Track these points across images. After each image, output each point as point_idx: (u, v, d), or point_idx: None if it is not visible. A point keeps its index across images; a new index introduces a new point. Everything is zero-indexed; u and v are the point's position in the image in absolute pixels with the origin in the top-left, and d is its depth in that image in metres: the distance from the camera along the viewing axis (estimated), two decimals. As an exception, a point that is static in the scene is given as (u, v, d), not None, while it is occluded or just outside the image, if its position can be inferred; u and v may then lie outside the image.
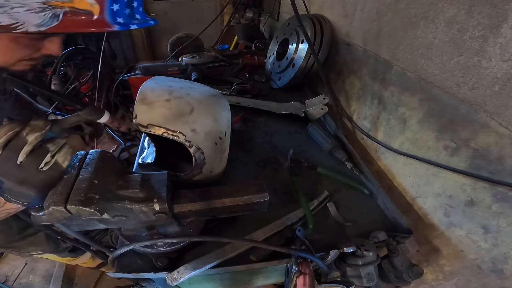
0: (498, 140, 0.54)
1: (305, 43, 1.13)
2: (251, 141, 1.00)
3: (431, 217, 0.72)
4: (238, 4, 2.18)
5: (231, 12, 2.27)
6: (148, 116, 0.60)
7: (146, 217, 0.50)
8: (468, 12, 0.57)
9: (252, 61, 1.56)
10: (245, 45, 1.99)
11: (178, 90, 0.65)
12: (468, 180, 0.61)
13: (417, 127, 0.75)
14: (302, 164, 0.87)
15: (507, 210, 0.54)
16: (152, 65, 1.59)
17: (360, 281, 0.57)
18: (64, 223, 0.47)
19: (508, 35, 0.50)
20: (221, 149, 0.70)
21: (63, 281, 1.58)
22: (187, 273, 0.56)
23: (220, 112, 0.69)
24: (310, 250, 0.59)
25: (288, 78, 1.26)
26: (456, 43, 0.61)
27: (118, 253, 0.54)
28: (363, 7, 0.96)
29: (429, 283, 0.78)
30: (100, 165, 0.50)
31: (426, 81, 0.70)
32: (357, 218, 0.72)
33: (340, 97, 1.14)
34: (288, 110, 1.11)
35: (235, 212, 0.58)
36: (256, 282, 0.84)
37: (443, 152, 0.67)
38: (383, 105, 0.89)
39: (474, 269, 0.63)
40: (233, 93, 1.25)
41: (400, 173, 0.84)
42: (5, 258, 1.73)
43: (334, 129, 1.02)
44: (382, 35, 0.87)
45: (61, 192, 0.44)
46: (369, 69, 0.95)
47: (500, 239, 0.56)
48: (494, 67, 0.53)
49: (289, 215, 0.71)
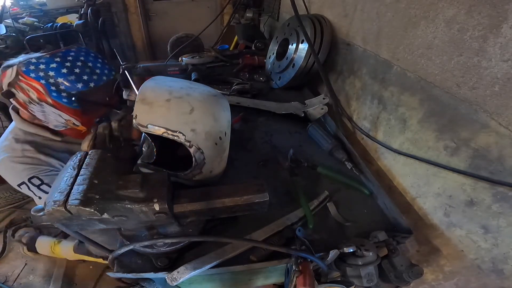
0: (498, 140, 0.54)
1: (305, 43, 1.13)
2: (251, 141, 1.00)
3: (431, 217, 0.72)
4: (238, 4, 2.18)
5: (231, 12, 2.27)
6: (148, 116, 0.60)
7: (146, 217, 0.50)
8: (468, 12, 0.57)
9: (252, 61, 1.55)
10: (245, 45, 1.99)
11: (178, 90, 0.65)
12: (468, 180, 0.61)
13: (417, 127, 0.75)
14: (302, 164, 0.87)
15: (507, 210, 0.54)
16: (152, 65, 1.59)
17: (360, 281, 0.57)
18: (64, 223, 0.47)
19: (508, 35, 0.50)
20: (221, 149, 0.70)
21: (63, 281, 1.59)
22: (187, 273, 0.56)
23: (220, 112, 0.69)
24: (310, 250, 0.59)
25: (288, 78, 1.26)
26: (456, 43, 0.61)
27: (118, 253, 0.54)
28: (363, 7, 0.96)
29: (429, 283, 0.78)
30: (100, 165, 0.50)
31: (426, 81, 0.70)
32: (357, 218, 0.72)
33: (340, 97, 1.14)
34: (288, 110, 1.11)
35: (235, 212, 0.58)
36: (256, 282, 0.84)
37: (443, 152, 0.67)
38: (383, 105, 0.89)
39: (474, 269, 0.63)
40: (233, 93, 1.25)
41: (400, 173, 0.84)
42: (5, 258, 1.73)
43: (334, 129, 1.02)
44: (382, 35, 0.87)
45: (61, 192, 0.44)
46: (369, 69, 0.95)
47: (500, 239, 0.56)
48: (494, 67, 0.53)
49: (289, 215, 0.71)
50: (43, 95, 0.75)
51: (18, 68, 0.73)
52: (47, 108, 0.78)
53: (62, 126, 0.84)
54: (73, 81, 0.77)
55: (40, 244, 1.53)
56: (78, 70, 0.78)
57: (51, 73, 0.75)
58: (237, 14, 2.28)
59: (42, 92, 0.74)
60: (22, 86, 0.74)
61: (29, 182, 0.82)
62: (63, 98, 0.77)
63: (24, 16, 2.98)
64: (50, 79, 0.75)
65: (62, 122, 0.82)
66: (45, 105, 0.77)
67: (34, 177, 0.83)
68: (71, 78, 0.77)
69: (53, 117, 0.80)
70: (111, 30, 3.66)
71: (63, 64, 0.77)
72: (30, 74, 0.73)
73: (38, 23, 2.91)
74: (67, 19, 3.15)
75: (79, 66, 0.79)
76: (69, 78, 0.77)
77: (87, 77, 0.80)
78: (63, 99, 0.77)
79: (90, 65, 0.82)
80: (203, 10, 3.99)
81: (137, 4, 3.75)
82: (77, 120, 0.82)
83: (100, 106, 0.87)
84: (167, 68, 1.52)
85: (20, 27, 2.71)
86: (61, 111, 0.79)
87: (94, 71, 0.83)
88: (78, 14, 3.08)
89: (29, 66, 0.73)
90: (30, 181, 0.82)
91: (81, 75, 0.79)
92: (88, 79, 0.80)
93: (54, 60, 0.76)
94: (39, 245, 1.52)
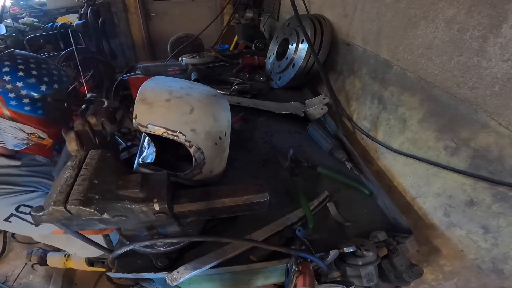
0: (498, 140, 0.54)
1: (305, 43, 1.13)
2: (251, 141, 1.00)
3: (431, 217, 0.72)
4: (238, 4, 2.18)
5: (231, 12, 2.27)
6: (148, 116, 0.60)
7: (146, 217, 0.50)
8: (468, 12, 0.57)
9: (252, 61, 1.56)
10: (245, 45, 1.99)
11: (178, 90, 0.65)
12: (468, 180, 0.61)
13: (417, 127, 0.75)
14: (302, 164, 0.87)
15: (507, 210, 0.54)
16: (152, 65, 1.59)
17: (360, 281, 0.57)
18: (64, 223, 0.47)
19: (508, 35, 0.50)
20: (221, 149, 0.70)
21: (63, 281, 1.59)
22: (187, 273, 0.56)
23: (220, 112, 0.69)
24: (310, 250, 0.59)
25: (288, 78, 1.26)
26: (456, 43, 0.61)
27: (118, 253, 0.54)
28: (363, 7, 0.96)
29: (429, 283, 0.78)
30: (100, 165, 0.50)
31: (426, 81, 0.70)
32: (357, 218, 0.72)
33: (340, 97, 1.14)
34: (288, 110, 1.11)
35: (235, 212, 0.58)
36: (256, 282, 0.84)
37: (443, 152, 0.67)
38: (383, 105, 0.89)
39: (474, 269, 0.63)
40: (233, 93, 1.25)
41: (400, 173, 0.84)
42: (5, 258, 1.73)
43: (334, 129, 1.02)
44: (382, 35, 0.87)
45: (61, 192, 0.44)
46: (369, 69, 0.95)
47: (500, 239, 0.56)
48: (494, 67, 0.53)
49: (289, 215, 0.71)
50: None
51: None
52: (4, 123, 0.68)
53: (23, 143, 0.74)
54: (34, 84, 0.68)
55: (51, 260, 1.51)
56: (35, 72, 0.69)
57: (6, 77, 0.65)
58: (237, 14, 2.28)
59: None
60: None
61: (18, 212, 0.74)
62: (24, 106, 0.67)
63: (24, 16, 2.98)
64: (7, 85, 0.65)
65: (23, 138, 0.72)
66: (1, 120, 0.67)
67: (21, 206, 0.75)
68: (31, 81, 0.68)
69: (12, 133, 0.70)
70: (111, 30, 3.66)
71: (15, 66, 0.67)
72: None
73: (38, 23, 2.91)
74: (67, 19, 3.15)
75: (33, 67, 0.69)
76: (28, 81, 0.67)
77: (48, 78, 0.71)
78: (24, 107, 0.68)
79: (44, 66, 0.72)
80: (203, 10, 3.99)
81: (137, 4, 3.75)
82: (43, 132, 0.73)
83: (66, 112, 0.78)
84: (167, 68, 1.52)
85: (20, 27, 2.71)
86: (23, 123, 0.69)
87: (51, 72, 0.73)
88: (78, 14, 3.08)
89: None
90: (18, 210, 0.74)
91: (40, 76, 0.70)
92: (50, 79, 0.71)
93: (4, 63, 0.66)
94: (50, 261, 1.51)
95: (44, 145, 0.77)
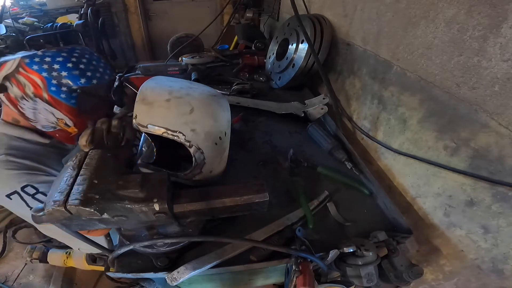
0: (498, 140, 0.54)
1: (305, 43, 1.13)
2: (251, 141, 1.00)
3: (431, 217, 0.72)
4: (238, 4, 2.18)
5: (231, 12, 2.27)
6: (148, 116, 0.60)
7: (146, 217, 0.50)
8: (468, 12, 0.57)
9: (252, 61, 1.55)
10: (245, 45, 1.99)
11: (178, 90, 0.65)
12: (468, 180, 0.61)
13: (417, 127, 0.75)
14: (302, 164, 0.87)
15: (507, 210, 0.54)
16: (152, 65, 1.59)
17: (360, 281, 0.57)
18: (64, 223, 0.47)
19: (508, 35, 0.50)
20: (221, 149, 0.70)
21: (63, 281, 1.58)
22: (187, 273, 0.56)
23: (220, 112, 0.69)
24: (310, 250, 0.59)
25: (288, 78, 1.26)
26: (456, 43, 0.61)
27: (118, 253, 0.54)
28: (363, 7, 0.96)
29: (429, 283, 0.78)
30: (100, 165, 0.50)
31: (426, 81, 0.70)
32: (357, 218, 0.72)
33: (340, 97, 1.14)
34: (288, 110, 1.11)
35: (235, 212, 0.58)
36: (256, 282, 0.84)
37: (443, 152, 0.67)
38: (383, 105, 0.89)
39: (474, 269, 0.63)
40: (233, 93, 1.25)
41: (400, 173, 0.84)
42: (5, 258, 1.73)
43: (334, 129, 1.02)
44: (382, 35, 0.87)
45: (61, 192, 0.44)
46: (369, 69, 0.95)
47: (500, 239, 0.56)
48: (494, 67, 0.53)
49: (289, 215, 0.71)
50: (40, 89, 0.73)
51: (21, 60, 0.72)
52: (40, 105, 0.75)
53: (51, 127, 0.81)
54: (77, 76, 0.76)
55: (52, 257, 1.51)
56: (83, 66, 0.78)
57: (56, 66, 0.74)
58: (237, 14, 2.28)
59: (40, 86, 0.73)
60: (19, 80, 0.72)
61: (23, 191, 0.76)
62: (61, 93, 0.75)
63: (24, 16, 2.98)
64: (54, 72, 0.74)
65: (52, 122, 0.79)
66: (39, 101, 0.75)
67: (28, 186, 0.77)
68: (75, 73, 0.76)
69: (44, 115, 0.77)
70: (111, 30, 3.66)
71: (69, 59, 0.76)
72: (33, 66, 0.72)
73: (38, 23, 2.91)
74: (67, 19, 3.16)
75: (84, 62, 0.79)
76: (73, 73, 0.76)
77: (91, 74, 0.79)
78: (61, 94, 0.75)
79: (94, 63, 0.82)
80: (203, 10, 3.99)
81: (137, 4, 3.75)
82: (71, 120, 0.79)
83: (96, 108, 0.85)
84: (167, 68, 1.52)
85: (20, 27, 2.72)
86: (56, 108, 0.76)
87: (97, 69, 0.82)
88: (78, 14, 3.08)
89: (34, 58, 0.73)
90: (24, 190, 0.76)
91: (85, 71, 0.78)
92: (92, 75, 0.79)
93: (61, 54, 0.76)
94: (51, 258, 1.51)
95: (69, 133, 0.83)
